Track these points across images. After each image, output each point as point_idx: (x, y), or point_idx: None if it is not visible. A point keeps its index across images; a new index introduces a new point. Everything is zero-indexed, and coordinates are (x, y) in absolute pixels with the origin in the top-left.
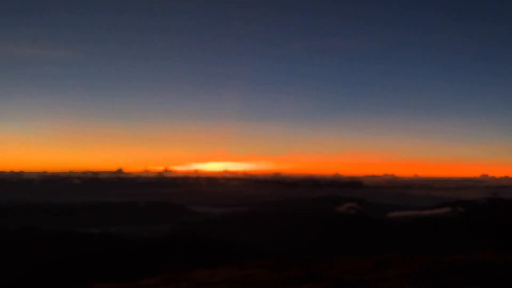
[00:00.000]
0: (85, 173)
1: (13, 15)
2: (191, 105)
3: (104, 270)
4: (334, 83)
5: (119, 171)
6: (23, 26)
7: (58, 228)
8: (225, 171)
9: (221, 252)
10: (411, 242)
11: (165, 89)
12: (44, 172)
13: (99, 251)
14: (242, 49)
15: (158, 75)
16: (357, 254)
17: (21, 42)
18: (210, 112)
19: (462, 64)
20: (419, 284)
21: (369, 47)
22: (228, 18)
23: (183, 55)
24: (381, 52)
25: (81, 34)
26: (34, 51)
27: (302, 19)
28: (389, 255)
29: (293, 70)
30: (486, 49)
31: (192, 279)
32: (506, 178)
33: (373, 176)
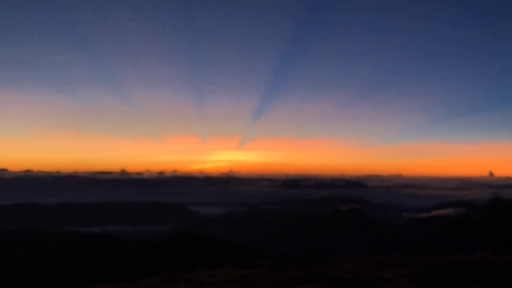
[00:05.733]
0: (87, 173)
1: (13, 16)
2: (193, 104)
3: (104, 270)
4: (336, 82)
5: (122, 171)
6: (26, 28)
7: (58, 228)
8: (229, 170)
9: (221, 252)
10: (411, 242)
11: (166, 88)
12: (48, 172)
13: (99, 251)
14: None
15: (158, 74)
16: (357, 254)
17: (23, 43)
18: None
19: (469, 63)
20: (419, 284)
21: (370, 50)
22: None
23: (185, 57)
24: (380, 54)
25: (84, 35)
26: (36, 52)
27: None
28: (389, 255)
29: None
30: (492, 49)
31: (192, 279)
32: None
33: (377, 176)
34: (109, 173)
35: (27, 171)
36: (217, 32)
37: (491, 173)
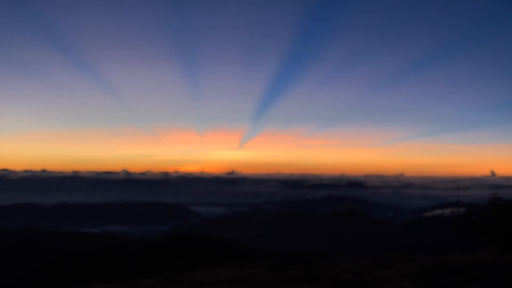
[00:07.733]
0: (90, 173)
1: (14, 17)
2: (192, 101)
3: (104, 270)
4: (336, 82)
5: (123, 171)
6: (26, 29)
7: (58, 228)
8: (231, 170)
9: (221, 252)
10: (411, 242)
11: (168, 89)
12: (49, 172)
13: (99, 251)
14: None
15: (158, 75)
16: (357, 254)
17: (23, 44)
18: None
19: (470, 65)
20: (419, 284)
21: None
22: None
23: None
24: (384, 56)
25: (86, 37)
26: (35, 53)
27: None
28: (389, 255)
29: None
30: (492, 49)
31: (192, 279)
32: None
33: (377, 176)
34: (112, 173)
35: (28, 171)
36: (222, 17)
37: (493, 173)
